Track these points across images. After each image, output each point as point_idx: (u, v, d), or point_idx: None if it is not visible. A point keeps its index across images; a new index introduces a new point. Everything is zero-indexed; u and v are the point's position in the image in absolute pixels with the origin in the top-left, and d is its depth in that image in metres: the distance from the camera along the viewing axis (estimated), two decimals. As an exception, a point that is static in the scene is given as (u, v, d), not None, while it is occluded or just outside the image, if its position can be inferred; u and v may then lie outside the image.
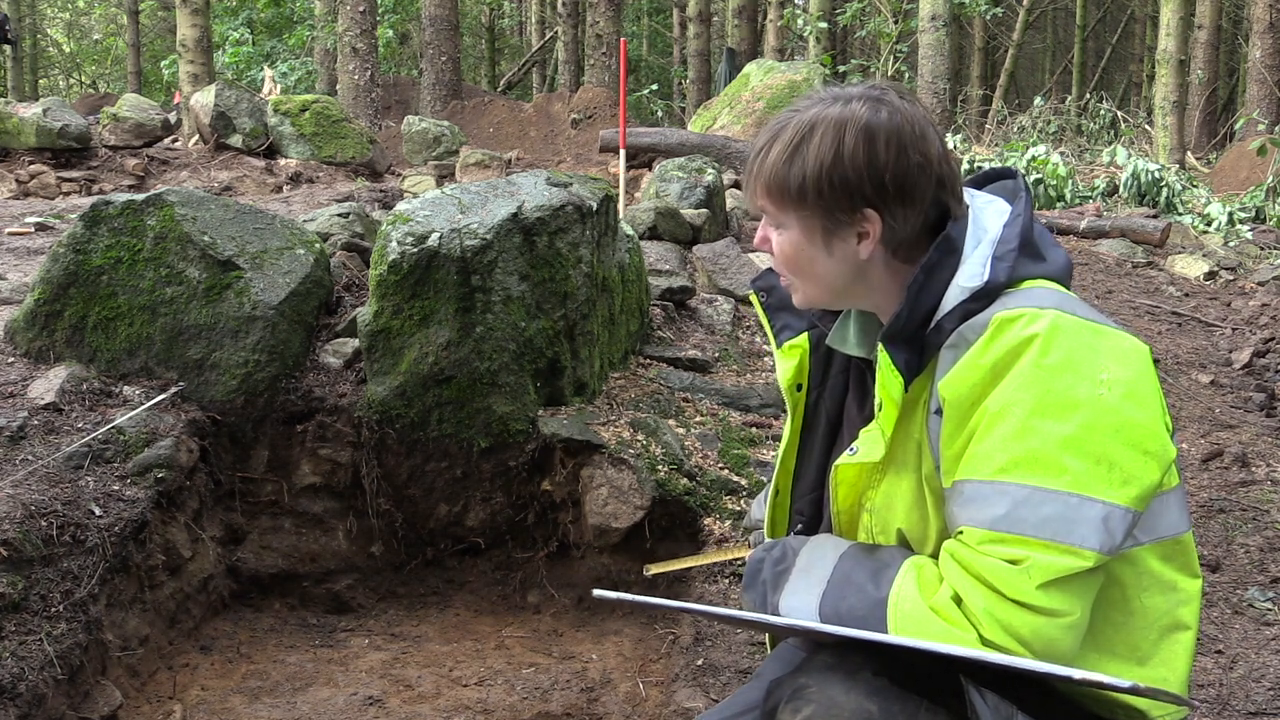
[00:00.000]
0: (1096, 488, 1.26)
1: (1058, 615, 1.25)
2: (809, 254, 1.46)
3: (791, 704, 1.30)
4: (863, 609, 1.35)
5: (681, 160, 6.49)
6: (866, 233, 1.42)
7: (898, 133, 1.38)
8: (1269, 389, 4.87)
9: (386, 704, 2.85)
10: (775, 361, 1.69)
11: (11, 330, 3.46)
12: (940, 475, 1.37)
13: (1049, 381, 1.28)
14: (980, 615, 1.26)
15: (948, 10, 12.48)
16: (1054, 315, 1.31)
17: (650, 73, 25.49)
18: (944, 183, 1.41)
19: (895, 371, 1.38)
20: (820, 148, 1.39)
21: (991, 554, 1.27)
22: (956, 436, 1.34)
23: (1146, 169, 8.99)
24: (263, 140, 9.27)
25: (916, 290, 1.38)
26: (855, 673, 1.29)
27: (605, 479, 3.34)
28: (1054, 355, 1.28)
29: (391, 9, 18.43)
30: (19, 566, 2.57)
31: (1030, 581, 1.24)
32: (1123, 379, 1.30)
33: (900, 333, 1.38)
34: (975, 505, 1.30)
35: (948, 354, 1.35)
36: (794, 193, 1.42)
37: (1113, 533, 1.26)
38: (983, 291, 1.37)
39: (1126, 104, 20.58)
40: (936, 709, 1.26)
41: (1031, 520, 1.26)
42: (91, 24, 31.81)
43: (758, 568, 1.52)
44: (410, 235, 3.31)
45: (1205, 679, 2.60)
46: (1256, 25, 14.23)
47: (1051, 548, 1.25)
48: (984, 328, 1.32)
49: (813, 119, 1.41)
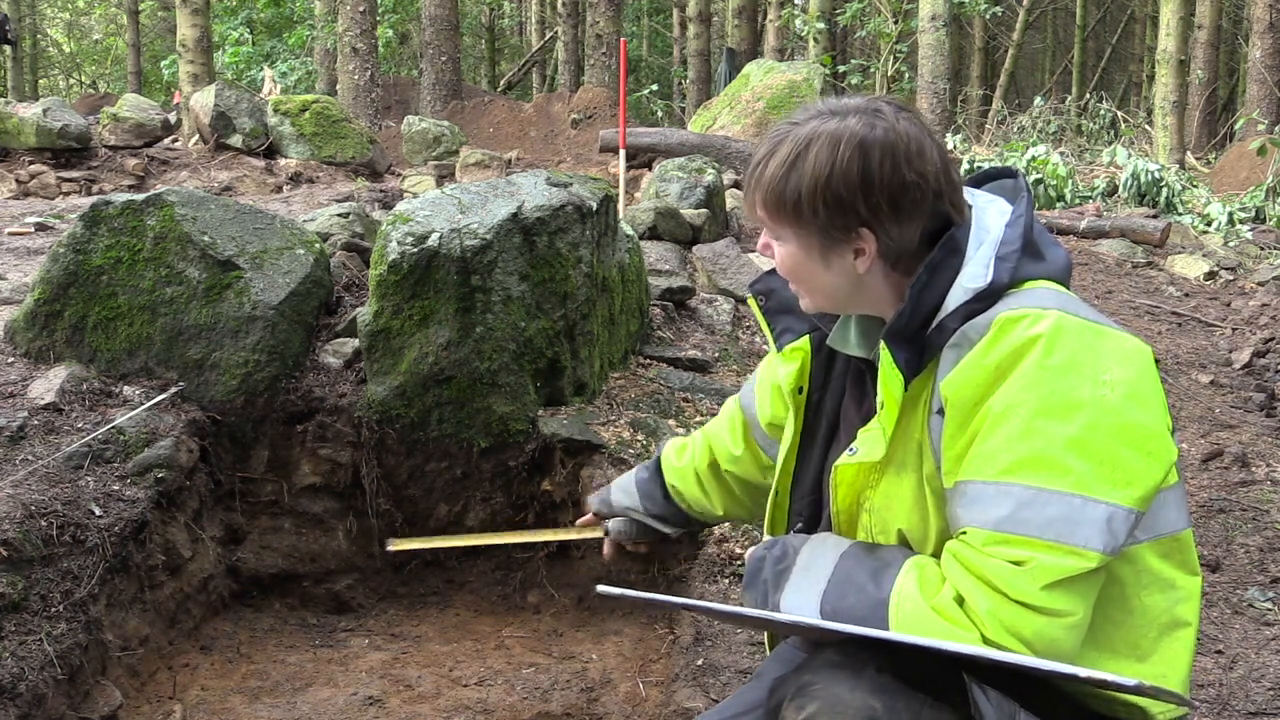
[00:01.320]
0: (1100, 489, 1.26)
1: (1061, 616, 1.25)
2: (807, 268, 1.47)
3: (796, 701, 1.30)
4: (863, 608, 1.35)
5: (681, 160, 6.49)
6: (863, 249, 1.42)
7: (893, 150, 1.37)
8: (1269, 389, 4.87)
9: (386, 704, 2.85)
10: (776, 364, 1.68)
11: (11, 330, 3.46)
12: (941, 475, 1.37)
13: (1053, 382, 1.28)
14: (983, 616, 1.26)
15: (948, 10, 12.48)
16: (1057, 316, 1.31)
17: (650, 73, 25.49)
18: (942, 196, 1.41)
19: (896, 370, 1.38)
20: (815, 164, 1.39)
21: (995, 555, 1.27)
22: (959, 437, 1.34)
23: (1146, 169, 8.99)
24: (263, 140, 9.27)
25: (920, 289, 1.39)
26: (859, 670, 1.29)
27: (605, 479, 3.34)
28: (1057, 356, 1.29)
29: (391, 9, 18.42)
30: (19, 566, 2.57)
31: (1034, 583, 1.24)
32: (1125, 380, 1.30)
33: (903, 331, 1.39)
34: (979, 506, 1.30)
35: (950, 354, 1.35)
36: (790, 209, 1.42)
37: (1116, 533, 1.27)
38: (986, 292, 1.37)
39: (1126, 104, 20.58)
40: (940, 706, 1.26)
41: (1036, 521, 1.26)
42: (91, 24, 31.81)
43: (759, 566, 1.51)
44: (410, 235, 3.32)
45: (1205, 679, 2.60)
46: (1256, 25, 14.23)
47: (1055, 549, 1.25)
48: (987, 328, 1.33)
49: (810, 134, 1.41)
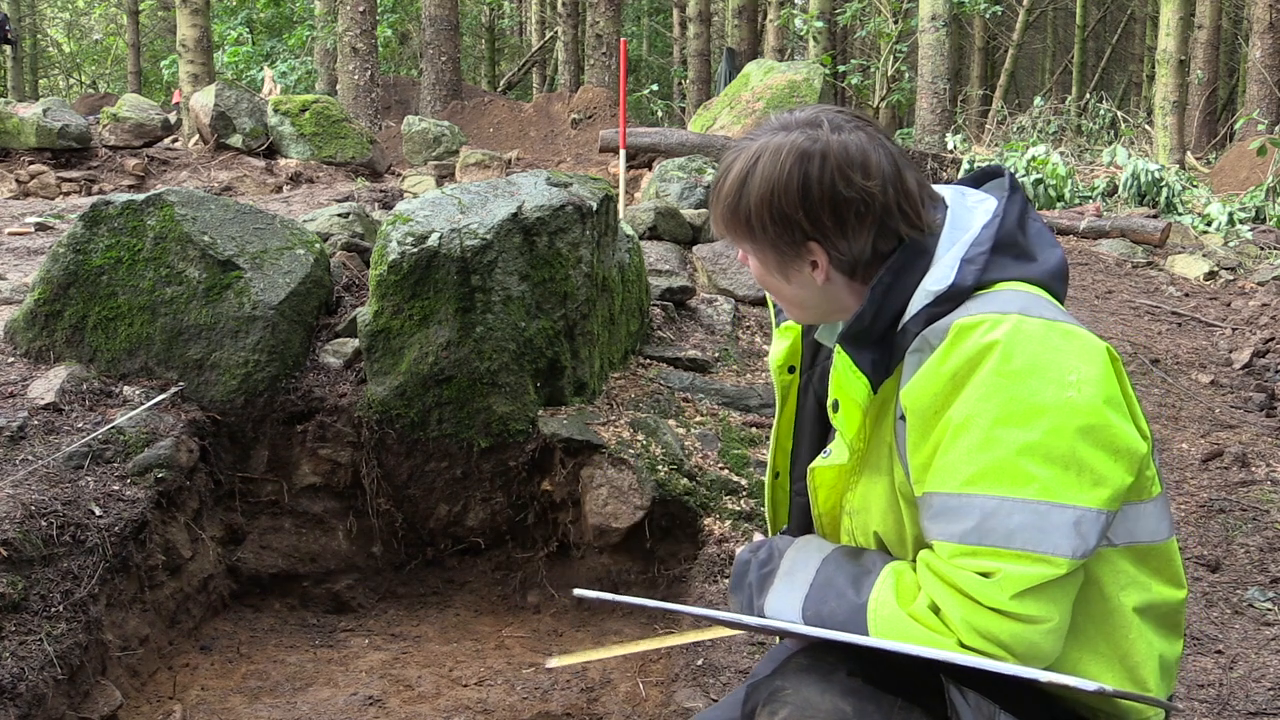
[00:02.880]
0: (1066, 493, 1.25)
1: (1036, 622, 1.24)
2: (771, 282, 1.47)
3: (769, 707, 1.30)
4: (843, 614, 1.34)
5: (681, 160, 6.50)
6: (815, 262, 1.41)
7: (832, 163, 1.34)
8: (1269, 389, 4.87)
9: (386, 704, 2.85)
10: (773, 340, 1.68)
11: (11, 330, 3.46)
12: (911, 483, 1.36)
13: (1011, 389, 1.26)
14: (958, 623, 1.25)
15: (948, 10, 12.48)
16: (1015, 320, 1.28)
17: (650, 73, 25.49)
18: (890, 210, 1.36)
19: (858, 372, 1.37)
20: (760, 180, 1.38)
21: (964, 566, 1.26)
22: (921, 446, 1.32)
23: (1146, 169, 8.98)
24: (263, 140, 9.27)
25: (883, 291, 1.37)
26: (830, 674, 1.29)
27: (605, 479, 3.34)
28: (1016, 361, 1.26)
29: (391, 9, 18.42)
30: (19, 566, 2.57)
31: (1003, 592, 1.23)
32: (1092, 378, 1.28)
33: (862, 333, 1.37)
34: (944, 519, 1.29)
35: (911, 359, 1.33)
36: (743, 225, 1.42)
37: (1085, 536, 1.25)
38: (947, 295, 1.34)
39: (1126, 104, 20.58)
40: (911, 708, 1.26)
41: (1000, 531, 1.24)
42: (91, 24, 31.80)
43: (744, 569, 1.51)
44: (410, 235, 3.32)
45: (1205, 679, 2.60)
46: (1256, 25, 14.22)
47: (1023, 558, 1.24)
48: (945, 334, 1.30)
49: (759, 149, 1.40)
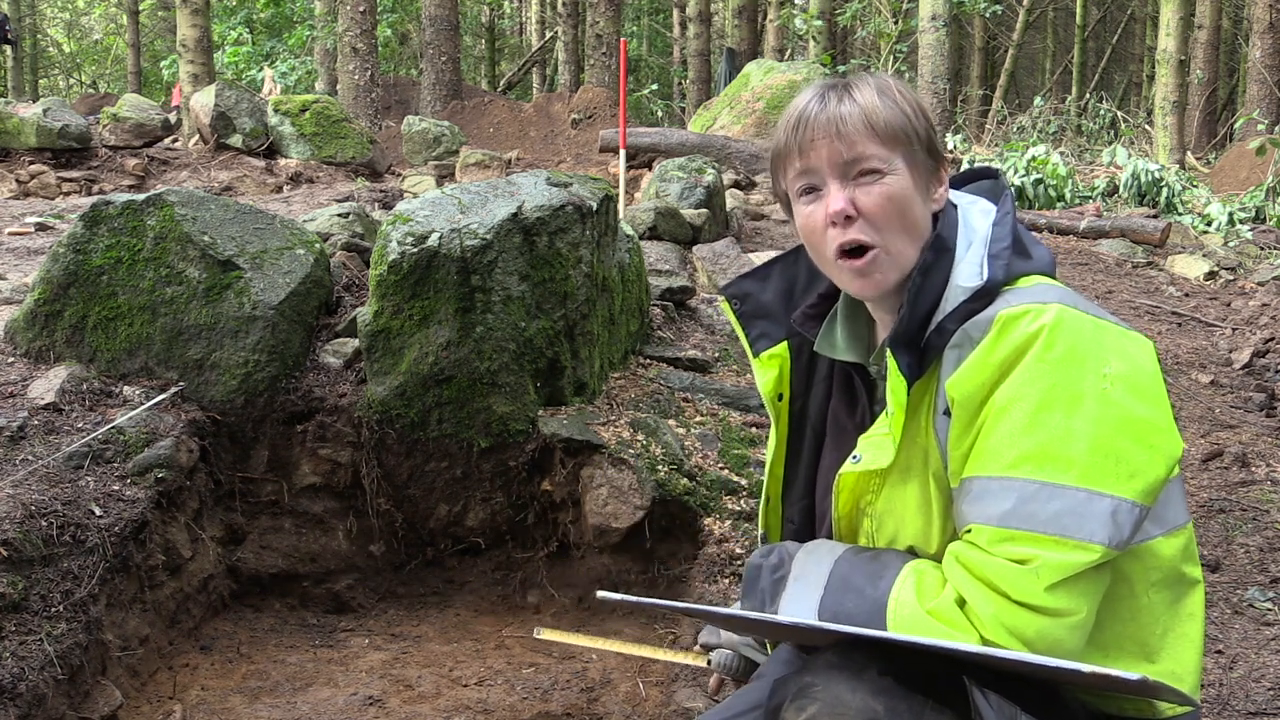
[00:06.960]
0: (1104, 482, 1.26)
1: (1064, 615, 1.25)
2: (913, 199, 1.40)
3: (796, 702, 1.29)
4: (861, 613, 1.34)
5: (681, 160, 6.50)
6: (941, 179, 1.44)
7: None
8: (1269, 389, 4.87)
9: (386, 704, 2.85)
10: (754, 370, 1.65)
11: (11, 330, 3.46)
12: (949, 475, 1.37)
13: (1054, 374, 1.28)
14: (986, 620, 1.25)
15: (948, 10, 12.46)
16: (1058, 309, 1.31)
17: (650, 73, 25.48)
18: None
19: (899, 374, 1.38)
20: (902, 92, 1.40)
21: (999, 553, 1.27)
22: (965, 435, 1.34)
23: (1146, 169, 8.98)
24: (263, 140, 9.27)
25: (915, 293, 1.38)
26: (860, 671, 1.28)
27: (605, 479, 3.34)
28: (1059, 348, 1.28)
29: (391, 9, 18.42)
30: (19, 566, 2.57)
31: (1039, 583, 1.24)
32: (1125, 373, 1.30)
33: (903, 335, 1.38)
34: (984, 501, 1.30)
35: (952, 354, 1.35)
36: (901, 132, 1.38)
37: (1120, 526, 1.26)
38: (983, 290, 1.37)
39: (1126, 104, 20.58)
40: (942, 709, 1.26)
41: (1040, 515, 1.26)
42: (91, 24, 31.80)
43: (755, 575, 1.51)
44: (410, 235, 3.31)
45: (1205, 679, 2.60)
46: (1256, 25, 14.23)
47: (1060, 544, 1.25)
48: (989, 325, 1.32)
49: (863, 79, 1.41)
